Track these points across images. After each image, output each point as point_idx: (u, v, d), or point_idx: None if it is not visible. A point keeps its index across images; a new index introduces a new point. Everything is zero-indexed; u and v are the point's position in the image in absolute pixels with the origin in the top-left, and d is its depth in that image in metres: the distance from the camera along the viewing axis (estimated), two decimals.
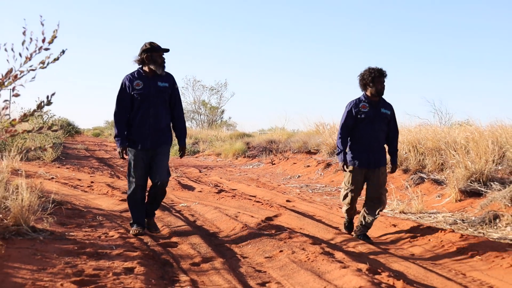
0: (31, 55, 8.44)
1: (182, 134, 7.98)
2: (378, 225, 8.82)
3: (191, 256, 6.63)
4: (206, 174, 18.58)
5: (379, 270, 5.98)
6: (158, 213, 9.53)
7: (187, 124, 45.17)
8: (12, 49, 8.09)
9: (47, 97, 9.42)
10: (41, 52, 8.44)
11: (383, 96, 8.07)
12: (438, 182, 12.11)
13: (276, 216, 9.78)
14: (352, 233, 8.21)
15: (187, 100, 49.76)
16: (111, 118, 59.99)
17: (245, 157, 24.87)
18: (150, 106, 7.44)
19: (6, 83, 8.10)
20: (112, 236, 7.42)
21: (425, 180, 12.51)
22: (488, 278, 6.00)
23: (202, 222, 9.28)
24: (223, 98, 46.70)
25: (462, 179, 11.01)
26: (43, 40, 8.44)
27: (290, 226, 8.70)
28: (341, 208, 9.27)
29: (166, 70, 7.71)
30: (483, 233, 8.34)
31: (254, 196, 12.88)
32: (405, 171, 13.61)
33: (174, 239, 7.57)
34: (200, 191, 13.66)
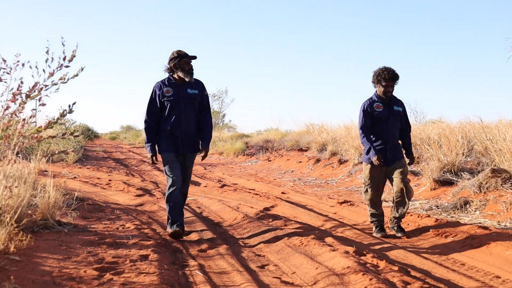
0: (53, 71, 8.48)
1: (207, 136, 7.32)
2: (362, 213, 8.85)
3: (198, 242, 6.67)
4: (210, 171, 18.59)
5: (364, 252, 6.02)
6: (165, 204, 9.57)
7: None
8: (36, 66, 8.15)
9: (69, 106, 9.44)
10: (62, 69, 8.48)
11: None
12: (415, 173, 12.14)
13: (272, 206, 9.81)
14: (389, 225, 7.47)
15: None
16: (126, 123, 59.54)
17: (244, 155, 24.86)
18: (181, 112, 6.97)
19: (32, 95, 8.16)
20: (129, 227, 7.45)
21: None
22: (460, 257, 6.04)
23: (208, 213, 9.31)
24: (224, 103, 46.61)
25: (435, 170, 11.07)
26: (64, 59, 8.48)
27: (285, 215, 8.73)
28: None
29: (196, 77, 7.15)
30: (455, 217, 8.38)
31: (253, 189, 12.90)
32: None
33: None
34: (205, 186, 13.68)
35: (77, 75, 9.28)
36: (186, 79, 6.87)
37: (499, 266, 5.62)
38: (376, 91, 7.38)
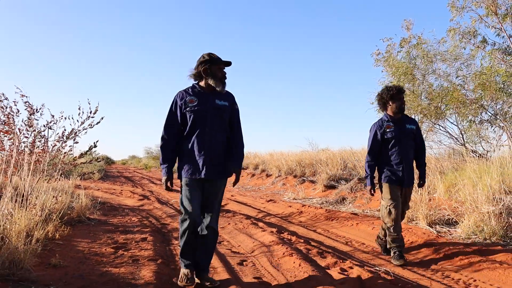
0: (84, 121, 8.30)
1: (239, 157, 3.86)
2: (280, 205, 8.92)
3: (179, 229, 6.57)
4: None
5: (282, 231, 6.05)
6: (158, 205, 9.42)
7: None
8: (72, 117, 7.96)
9: (94, 143, 9.27)
10: (89, 119, 8.31)
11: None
12: (312, 182, 12.27)
13: (225, 204, 9.74)
14: (391, 259, 4.52)
15: None
16: (132, 153, 51.78)
17: None
18: (206, 127, 3.68)
19: (70, 137, 7.97)
20: (134, 220, 7.29)
21: (306, 180, 12.66)
22: (340, 232, 6.14)
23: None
24: None
25: (325, 179, 11.19)
26: (90, 112, 8.29)
27: (233, 210, 8.67)
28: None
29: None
30: (337, 208, 8.50)
31: None
32: (295, 176, 13.72)
33: (168, 220, 7.47)
34: None
35: (99, 122, 9.18)
36: (218, 88, 3.70)
37: (364, 237, 5.74)
38: (385, 113, 4.83)
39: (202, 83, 3.73)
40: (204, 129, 3.62)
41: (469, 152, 10.60)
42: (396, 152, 4.65)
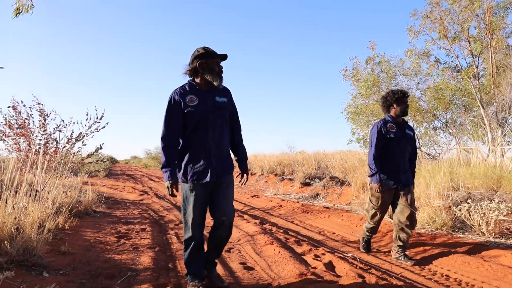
0: (91, 125, 8.18)
1: (244, 156, 3.29)
2: (263, 200, 8.92)
3: (174, 221, 6.52)
4: None
5: (265, 223, 6.05)
6: (156, 200, 9.35)
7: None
8: (80, 122, 7.86)
9: (100, 145, 9.14)
10: (95, 124, 8.19)
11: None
12: (291, 180, 12.31)
13: None
14: (392, 257, 4.08)
15: None
16: (133, 153, 49.49)
17: None
18: (209, 126, 3.00)
19: (78, 140, 7.85)
20: (135, 213, 7.22)
21: (285, 178, 12.69)
22: (314, 223, 6.16)
23: (180, 203, 9.10)
24: None
25: (301, 177, 11.23)
26: (97, 117, 8.18)
27: None
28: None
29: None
30: (312, 202, 8.54)
31: None
32: (275, 174, 13.74)
33: (165, 213, 7.41)
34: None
35: (104, 127, 9.09)
36: (215, 83, 2.99)
37: (335, 227, 5.77)
38: (388, 114, 4.26)
39: (198, 80, 3.02)
40: (207, 129, 2.94)
41: (424, 154, 10.78)
42: (395, 154, 4.11)
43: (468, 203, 4.97)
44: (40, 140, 8.26)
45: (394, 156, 4.10)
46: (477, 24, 13.34)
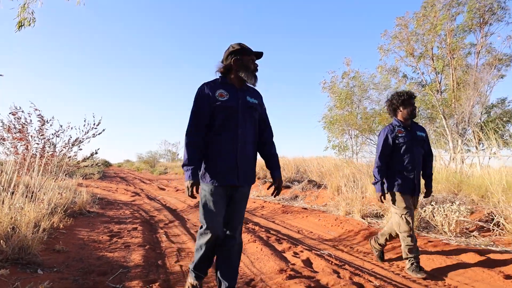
0: (88, 131, 8.01)
1: (277, 162, 2.72)
2: (248, 201, 8.85)
3: (164, 220, 6.42)
4: (170, 183, 17.99)
5: (248, 222, 6.00)
6: (147, 201, 9.20)
7: (164, 160, 40.92)
8: (78, 127, 7.67)
9: (95, 150, 8.95)
10: (92, 129, 8.02)
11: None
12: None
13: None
14: (408, 271, 3.41)
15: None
16: (126, 157, 49.67)
17: None
18: (239, 125, 2.48)
19: (75, 144, 7.67)
20: (127, 213, 7.08)
21: (267, 181, 12.64)
22: (293, 223, 6.15)
23: (169, 204, 8.97)
24: (178, 147, 43.94)
25: (282, 180, 11.24)
26: (94, 123, 8.02)
27: None
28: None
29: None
30: (291, 204, 8.54)
31: None
32: (258, 178, 13.72)
33: (155, 213, 7.30)
34: (168, 191, 13.20)
35: (101, 133, 8.92)
36: (250, 82, 2.58)
37: (312, 226, 5.77)
38: (395, 119, 3.67)
39: (231, 77, 2.57)
40: (236, 129, 2.46)
41: None
42: (408, 159, 3.53)
43: (432, 205, 5.05)
44: (38, 144, 8.06)
45: (408, 162, 3.53)
46: (439, 45, 13.72)
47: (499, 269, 3.31)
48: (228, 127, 2.46)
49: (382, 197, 3.57)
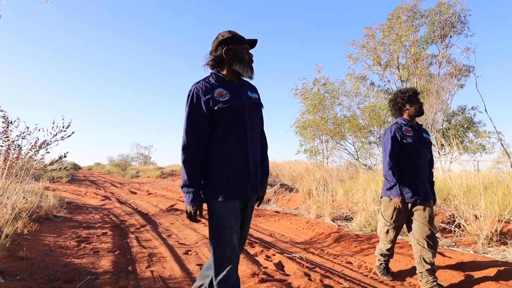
0: (56, 133, 7.72)
1: (267, 167, 2.22)
2: None
3: (135, 225, 6.24)
4: (141, 186, 17.57)
5: None
6: (118, 205, 8.93)
7: (136, 163, 39.81)
8: (46, 130, 7.37)
9: (64, 154, 8.62)
10: (61, 132, 7.74)
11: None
12: None
13: (175, 204, 9.41)
14: (376, 268, 3.44)
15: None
16: (97, 160, 47.60)
17: (160, 178, 23.79)
18: (246, 127, 1.93)
19: (42, 147, 7.35)
20: (96, 217, 6.83)
21: None
22: (266, 226, 6.14)
23: (141, 208, 8.74)
24: (151, 150, 42.80)
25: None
26: (63, 126, 7.73)
27: (181, 208, 8.42)
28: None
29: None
30: (264, 207, 8.53)
31: (165, 195, 12.32)
32: None
33: (126, 217, 7.09)
34: (139, 195, 12.88)
35: (70, 135, 8.57)
36: (246, 75, 1.99)
37: (284, 229, 5.79)
38: (400, 117, 3.26)
39: (224, 71, 2.06)
40: (244, 131, 1.97)
41: (361, 165, 11.19)
42: (414, 161, 3.10)
43: None
44: (2, 146, 7.65)
45: (413, 164, 3.10)
46: (404, 55, 14.24)
47: (460, 269, 3.43)
48: (236, 130, 1.96)
49: (402, 202, 3.03)
